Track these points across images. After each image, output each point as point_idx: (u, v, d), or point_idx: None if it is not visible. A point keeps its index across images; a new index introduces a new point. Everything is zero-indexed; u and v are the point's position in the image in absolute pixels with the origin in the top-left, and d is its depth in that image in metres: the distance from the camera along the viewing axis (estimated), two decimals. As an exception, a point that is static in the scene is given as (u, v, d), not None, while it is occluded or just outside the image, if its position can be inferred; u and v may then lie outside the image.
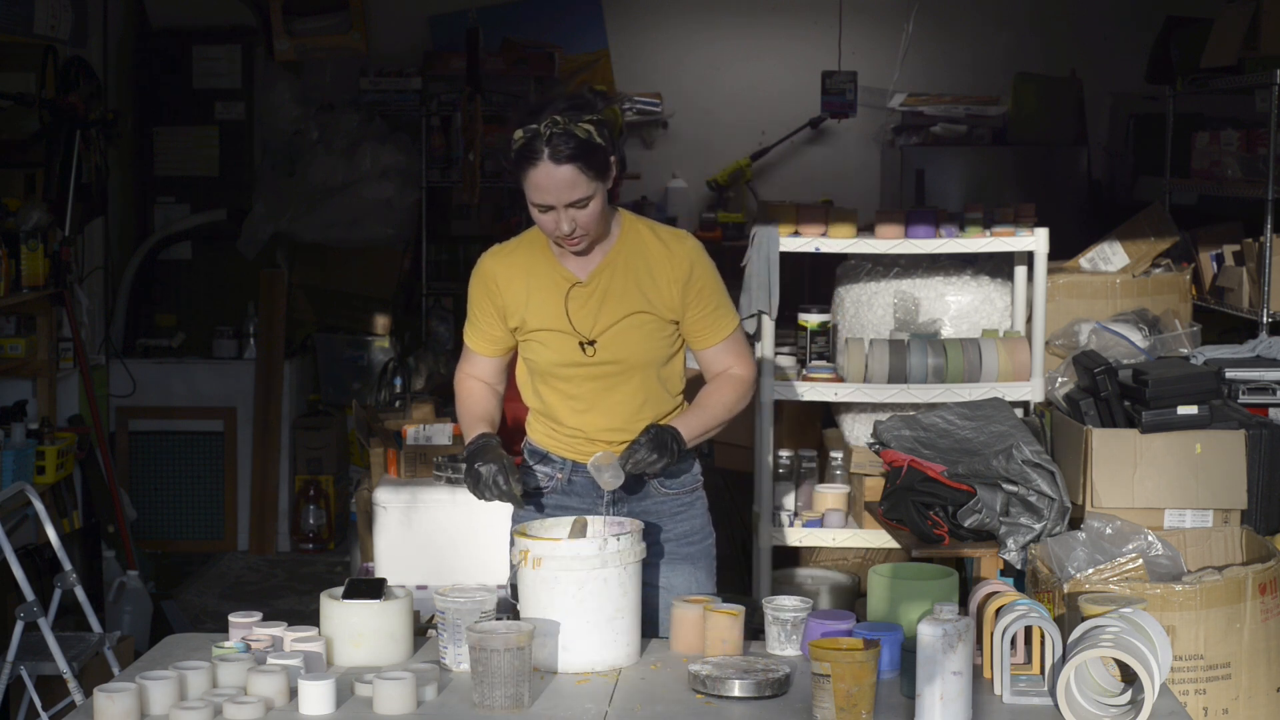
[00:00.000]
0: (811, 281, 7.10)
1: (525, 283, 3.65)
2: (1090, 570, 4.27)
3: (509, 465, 3.55)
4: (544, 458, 3.78)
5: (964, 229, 5.41)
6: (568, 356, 3.64)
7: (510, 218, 8.48)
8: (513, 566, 3.55)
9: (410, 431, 5.28)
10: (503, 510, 4.94)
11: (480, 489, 3.53)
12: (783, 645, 3.40)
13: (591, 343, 3.62)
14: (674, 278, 3.62)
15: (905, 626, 3.30)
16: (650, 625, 3.63)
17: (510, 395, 3.99)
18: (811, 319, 5.61)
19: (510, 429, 4.93)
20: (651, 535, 3.68)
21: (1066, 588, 4.22)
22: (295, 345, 8.47)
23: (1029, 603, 3.20)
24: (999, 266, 5.65)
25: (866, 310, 5.57)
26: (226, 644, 3.29)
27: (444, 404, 6.29)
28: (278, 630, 3.33)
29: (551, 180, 3.44)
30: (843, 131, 8.99)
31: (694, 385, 3.80)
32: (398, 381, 8.22)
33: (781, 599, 3.49)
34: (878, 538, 5.24)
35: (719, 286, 3.69)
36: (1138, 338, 5.54)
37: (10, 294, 6.03)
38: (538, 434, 3.80)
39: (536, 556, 3.34)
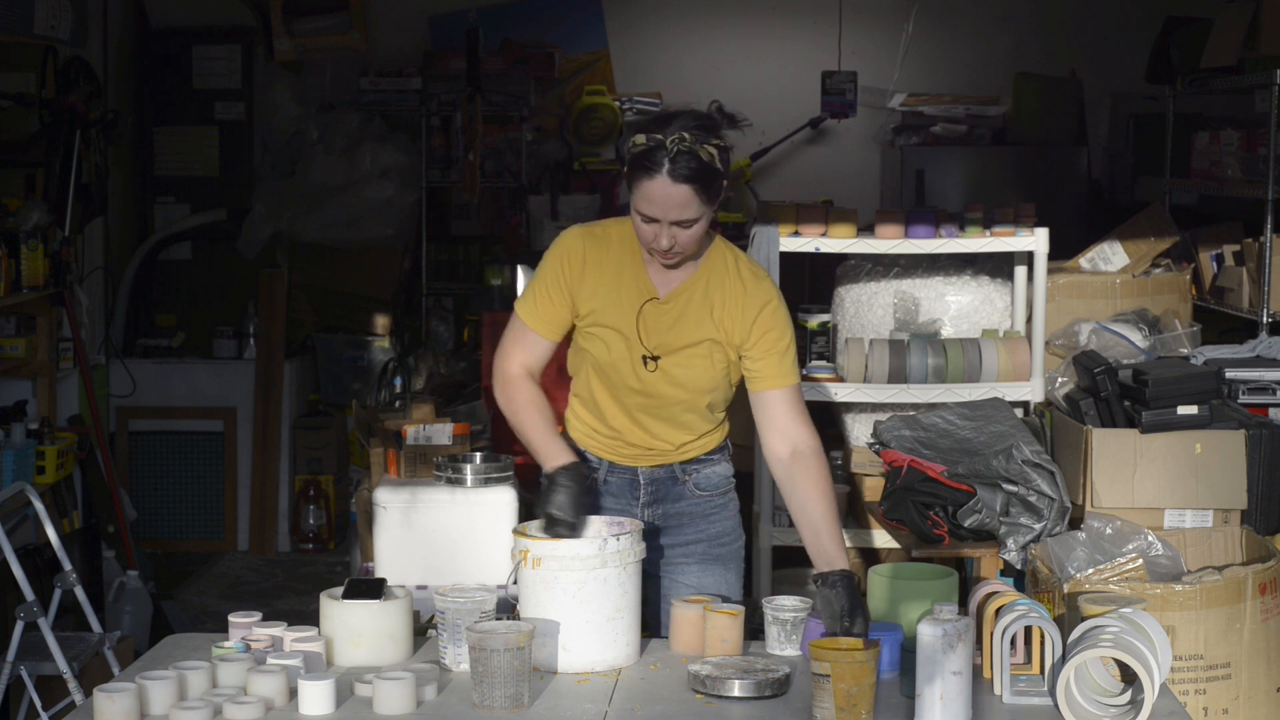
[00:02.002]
0: (811, 281, 7.10)
1: (608, 275, 3.57)
2: (1090, 570, 4.27)
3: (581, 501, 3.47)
4: (580, 456, 3.69)
5: (964, 229, 5.41)
6: (627, 365, 3.59)
7: (511, 218, 8.48)
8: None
9: (410, 431, 5.27)
10: (502, 511, 4.94)
11: (552, 528, 3.44)
12: (782, 645, 3.39)
13: (655, 358, 3.58)
14: (747, 312, 3.56)
15: (905, 626, 3.30)
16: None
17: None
18: (811, 319, 5.61)
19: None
20: (685, 537, 3.69)
21: (1066, 588, 4.22)
22: (295, 345, 8.47)
23: (1029, 603, 3.20)
24: (999, 266, 5.64)
25: (866, 310, 5.57)
26: (226, 644, 3.29)
27: (444, 404, 6.29)
28: (278, 630, 3.33)
29: (666, 196, 3.39)
30: (843, 131, 8.99)
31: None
32: (398, 381, 8.23)
33: (781, 599, 3.47)
34: (878, 538, 5.24)
35: (788, 335, 3.61)
36: (1138, 338, 5.54)
37: (10, 294, 6.03)
38: (577, 431, 3.74)
39: (536, 556, 3.33)
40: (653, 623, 3.82)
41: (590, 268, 3.57)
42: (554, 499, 3.43)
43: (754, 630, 5.19)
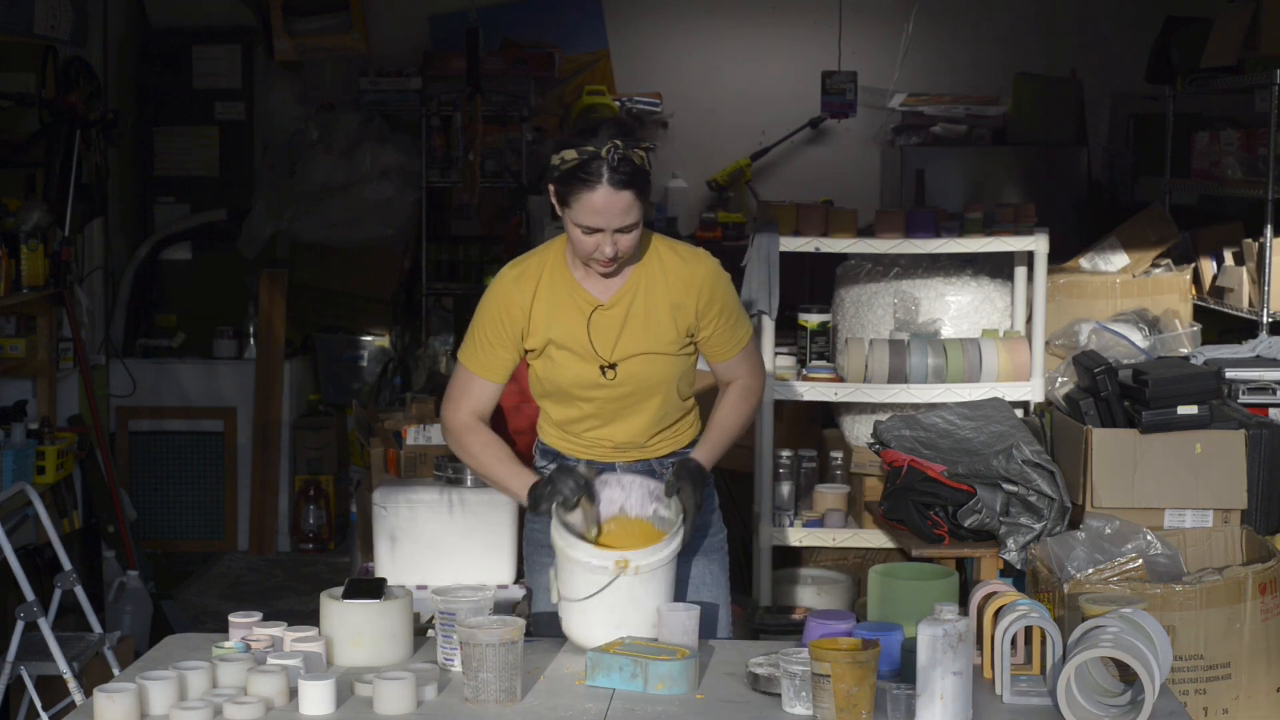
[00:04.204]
0: (811, 281, 7.10)
1: (547, 304, 3.62)
2: (1090, 570, 4.28)
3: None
4: (558, 457, 3.77)
5: (964, 229, 5.41)
6: (586, 379, 3.63)
7: (511, 218, 8.48)
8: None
9: (410, 431, 5.28)
10: (502, 511, 4.94)
11: (557, 491, 3.51)
12: (792, 702, 3.08)
13: (612, 366, 3.62)
14: (694, 300, 3.62)
15: (905, 626, 3.30)
16: None
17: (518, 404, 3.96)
18: (811, 319, 5.61)
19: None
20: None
21: (1066, 588, 4.22)
22: (295, 345, 8.47)
23: (1029, 603, 3.20)
24: (999, 266, 5.64)
25: (866, 310, 5.57)
26: (226, 644, 3.29)
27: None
28: (278, 630, 3.33)
29: (609, 204, 3.44)
30: (843, 131, 8.99)
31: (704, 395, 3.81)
32: (398, 381, 8.23)
33: (795, 651, 3.19)
34: (878, 538, 5.24)
35: (736, 303, 3.71)
36: (1138, 338, 5.54)
37: (10, 294, 6.03)
38: (551, 436, 3.79)
39: (637, 564, 3.42)
40: None
41: (525, 306, 3.63)
42: (552, 488, 3.50)
43: (754, 630, 5.20)
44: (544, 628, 3.73)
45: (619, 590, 3.42)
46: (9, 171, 6.85)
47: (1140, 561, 4.29)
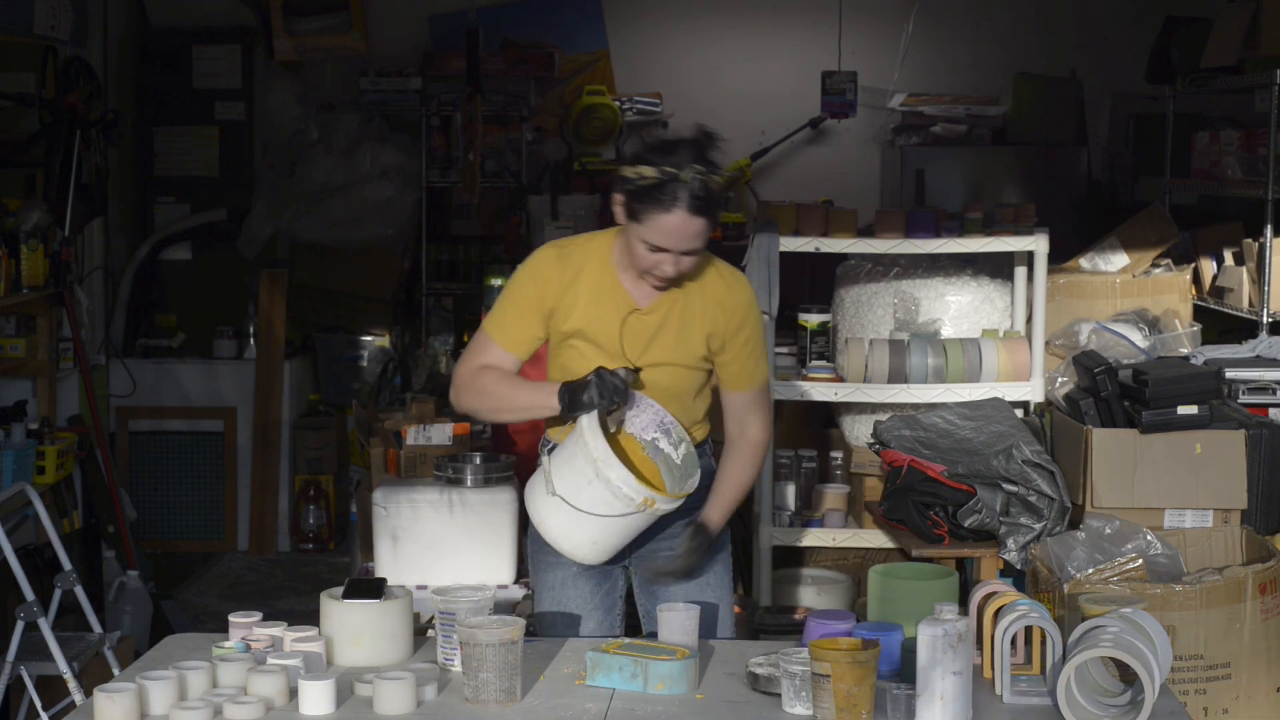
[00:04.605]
0: (811, 281, 7.10)
1: (585, 294, 3.60)
2: (1090, 570, 4.28)
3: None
4: None
5: (964, 229, 5.41)
6: None
7: (511, 217, 8.48)
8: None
9: (410, 431, 5.28)
10: (501, 511, 4.94)
11: (608, 391, 3.46)
12: (792, 702, 3.09)
13: (636, 370, 3.61)
14: (726, 322, 3.62)
15: (905, 626, 3.30)
16: None
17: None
18: (811, 319, 5.61)
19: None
20: (669, 530, 3.71)
21: (1066, 588, 4.22)
22: (295, 345, 8.47)
23: (1029, 603, 3.20)
24: (999, 266, 5.64)
25: (866, 310, 5.57)
26: (226, 644, 3.29)
27: (444, 404, 6.28)
28: (278, 630, 3.33)
29: (684, 229, 3.43)
30: (843, 131, 8.99)
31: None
32: (398, 381, 8.23)
33: (796, 650, 3.19)
34: (878, 538, 5.24)
35: (763, 338, 3.72)
36: (1138, 338, 5.54)
37: (10, 294, 6.03)
38: (559, 432, 3.72)
39: (657, 508, 3.48)
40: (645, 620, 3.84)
41: (567, 287, 3.60)
42: (598, 391, 3.45)
43: (755, 630, 5.20)
44: (546, 627, 3.73)
45: (621, 520, 3.44)
46: (9, 171, 6.85)
47: (1140, 561, 4.29)
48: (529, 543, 3.81)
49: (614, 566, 3.76)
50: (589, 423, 3.43)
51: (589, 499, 3.45)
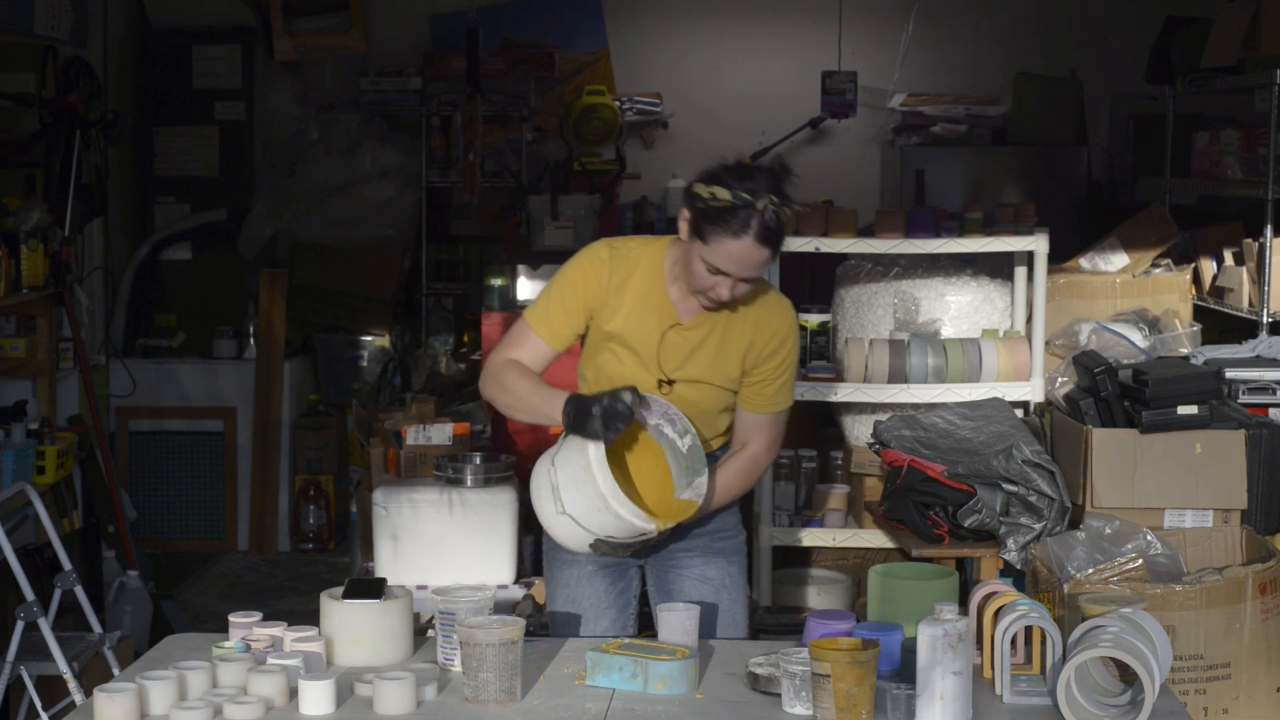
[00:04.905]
0: (811, 281, 7.10)
1: (631, 300, 3.57)
2: (1090, 570, 4.28)
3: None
4: None
5: (964, 229, 5.41)
6: (640, 385, 3.58)
7: (511, 217, 8.48)
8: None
9: (410, 431, 5.28)
10: (502, 511, 4.94)
11: (614, 419, 3.40)
12: (792, 702, 3.09)
13: (670, 383, 3.60)
14: (763, 345, 3.61)
15: (905, 626, 3.30)
16: None
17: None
18: (811, 319, 5.61)
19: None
20: (686, 530, 3.70)
21: (1066, 588, 4.22)
22: (295, 345, 8.47)
23: (1029, 603, 3.20)
24: (999, 266, 5.64)
25: (866, 310, 5.57)
26: (226, 644, 3.29)
27: (444, 404, 6.29)
28: (278, 630, 3.33)
29: (749, 257, 3.40)
30: (843, 131, 8.99)
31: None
32: (398, 381, 8.24)
33: (796, 651, 3.18)
34: (878, 538, 5.24)
35: (793, 368, 3.69)
36: (1138, 338, 5.54)
37: (10, 294, 6.03)
38: None
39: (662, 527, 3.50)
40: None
41: (615, 287, 3.57)
42: (607, 421, 3.39)
43: (755, 630, 5.20)
44: (559, 625, 3.73)
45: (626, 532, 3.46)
46: (9, 171, 6.85)
47: (1140, 561, 4.29)
48: (543, 538, 3.79)
49: (629, 566, 3.76)
50: (596, 455, 3.41)
51: (599, 524, 3.46)
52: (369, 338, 8.70)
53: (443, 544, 4.91)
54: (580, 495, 3.44)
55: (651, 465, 3.56)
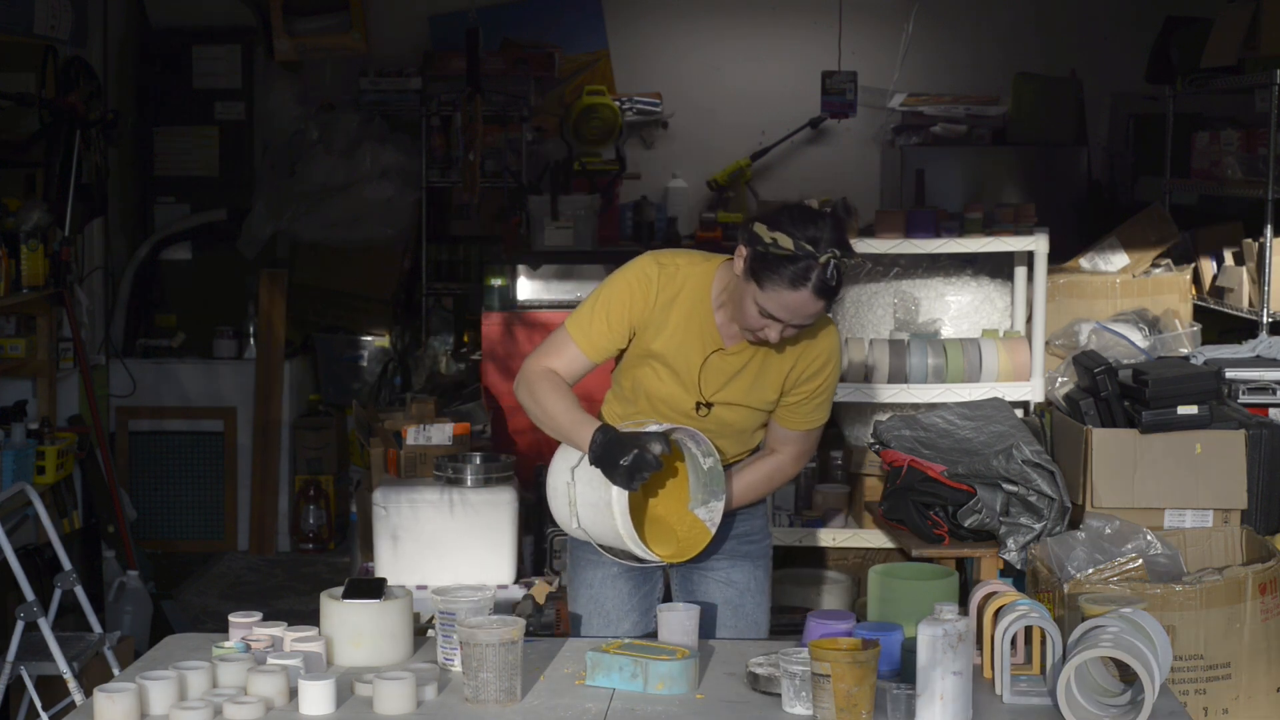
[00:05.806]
0: (811, 281, 7.09)
1: (675, 320, 3.53)
2: (1090, 570, 4.28)
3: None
4: None
5: (964, 229, 5.41)
6: (679, 404, 3.58)
7: (511, 217, 8.48)
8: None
9: (410, 431, 5.28)
10: (501, 511, 4.94)
11: (641, 470, 3.37)
12: (792, 702, 3.09)
13: (708, 405, 3.58)
14: (804, 367, 3.58)
15: (905, 626, 3.30)
16: (709, 620, 3.65)
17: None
18: (811, 319, 5.60)
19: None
20: (716, 533, 3.69)
21: (1066, 588, 4.22)
22: (295, 345, 8.47)
23: (1029, 603, 3.20)
24: (999, 266, 5.65)
25: (866, 310, 5.57)
26: (226, 644, 3.29)
27: (444, 404, 6.29)
28: (278, 630, 3.33)
29: (804, 308, 3.35)
30: (843, 131, 8.99)
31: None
32: (398, 381, 8.24)
33: (796, 650, 3.19)
34: (878, 538, 5.24)
35: (832, 391, 3.65)
36: (1138, 338, 5.54)
37: (10, 294, 6.03)
38: (613, 418, 3.67)
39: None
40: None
41: (661, 305, 3.53)
42: (636, 466, 3.35)
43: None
44: (581, 625, 3.74)
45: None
46: (9, 171, 6.85)
47: (1140, 561, 4.29)
48: (568, 538, 3.77)
49: (655, 569, 3.75)
50: (619, 501, 3.41)
51: (612, 545, 3.53)
52: (369, 338, 8.70)
53: (443, 544, 4.92)
54: (597, 521, 3.48)
55: (668, 463, 3.54)
